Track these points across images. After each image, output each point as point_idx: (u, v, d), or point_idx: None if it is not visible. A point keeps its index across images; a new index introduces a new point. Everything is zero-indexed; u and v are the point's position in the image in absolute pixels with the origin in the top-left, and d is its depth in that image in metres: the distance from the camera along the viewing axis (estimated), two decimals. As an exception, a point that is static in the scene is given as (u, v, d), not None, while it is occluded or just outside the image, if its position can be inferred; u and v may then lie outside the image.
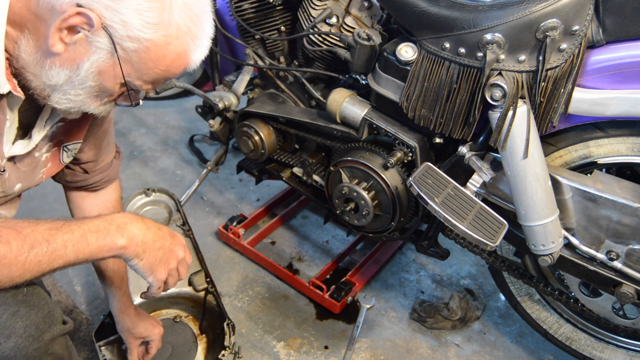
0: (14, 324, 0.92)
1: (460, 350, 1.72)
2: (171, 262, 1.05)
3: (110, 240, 0.95)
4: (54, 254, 0.90)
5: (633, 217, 1.19)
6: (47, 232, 0.90)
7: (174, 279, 1.08)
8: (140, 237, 0.98)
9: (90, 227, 0.94)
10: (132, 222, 0.98)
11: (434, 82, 1.22)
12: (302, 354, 1.68)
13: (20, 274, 0.88)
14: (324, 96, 1.60)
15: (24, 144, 1.02)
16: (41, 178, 1.14)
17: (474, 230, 1.19)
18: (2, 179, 1.03)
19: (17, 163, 1.03)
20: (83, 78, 0.87)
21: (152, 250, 1.00)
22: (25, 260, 0.87)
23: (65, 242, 0.91)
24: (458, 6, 1.16)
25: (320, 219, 2.13)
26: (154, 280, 1.04)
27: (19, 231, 0.88)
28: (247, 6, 1.59)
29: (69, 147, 1.15)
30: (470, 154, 1.26)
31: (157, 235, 1.01)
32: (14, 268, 0.87)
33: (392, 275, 1.96)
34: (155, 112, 2.74)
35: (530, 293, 1.56)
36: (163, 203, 1.81)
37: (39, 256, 0.88)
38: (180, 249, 1.07)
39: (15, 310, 0.93)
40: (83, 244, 0.92)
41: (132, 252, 0.97)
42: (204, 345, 1.55)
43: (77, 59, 0.85)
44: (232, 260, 1.98)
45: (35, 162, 1.08)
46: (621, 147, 1.21)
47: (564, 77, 1.12)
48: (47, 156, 1.11)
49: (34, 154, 1.06)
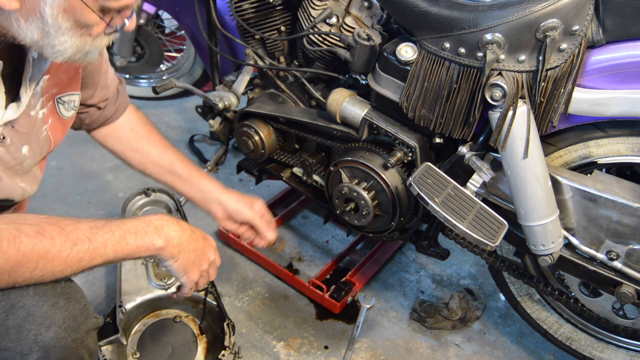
0: (54, 315, 0.94)
1: (460, 350, 1.72)
2: (203, 263, 1.10)
3: (148, 241, 0.99)
4: (95, 252, 0.94)
5: (633, 217, 1.19)
6: (88, 231, 0.94)
7: (205, 280, 1.13)
8: (176, 239, 1.02)
9: (130, 227, 0.98)
10: (169, 224, 1.03)
11: (434, 82, 1.22)
12: (302, 354, 1.68)
13: (62, 270, 0.92)
14: (324, 96, 1.60)
15: (15, 107, 1.02)
16: (47, 137, 1.13)
17: (474, 230, 1.19)
18: (5, 145, 1.03)
19: (14, 126, 1.03)
20: (53, 24, 0.85)
21: (187, 251, 1.05)
22: (68, 256, 0.91)
23: (106, 241, 0.95)
24: (458, 6, 1.16)
25: (320, 219, 2.13)
26: (187, 280, 1.09)
27: (63, 228, 0.92)
28: (247, 6, 1.59)
29: (64, 99, 1.14)
30: (470, 154, 1.26)
31: (191, 238, 1.06)
32: (57, 263, 0.90)
33: (392, 275, 1.96)
34: (155, 112, 2.74)
35: (530, 293, 1.56)
36: (163, 203, 1.81)
37: (80, 253, 0.92)
38: (211, 251, 1.12)
39: (55, 302, 0.95)
40: (122, 243, 0.97)
41: (168, 253, 1.02)
42: (204, 345, 1.55)
43: (35, 7, 0.83)
44: (232, 260, 1.98)
45: (33, 121, 1.08)
46: (621, 147, 1.21)
47: (564, 77, 1.12)
48: (44, 112, 1.10)
49: (29, 114, 1.05)
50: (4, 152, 1.02)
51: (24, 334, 0.92)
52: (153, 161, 1.40)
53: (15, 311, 0.92)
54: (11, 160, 1.05)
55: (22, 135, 1.06)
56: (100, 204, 2.19)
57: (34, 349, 0.92)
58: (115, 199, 2.19)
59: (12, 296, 0.93)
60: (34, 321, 0.92)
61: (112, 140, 1.40)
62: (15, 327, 0.92)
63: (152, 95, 2.63)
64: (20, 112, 1.02)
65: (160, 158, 1.40)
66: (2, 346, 0.91)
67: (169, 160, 1.40)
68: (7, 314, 0.92)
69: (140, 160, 1.41)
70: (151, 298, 1.57)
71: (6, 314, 0.92)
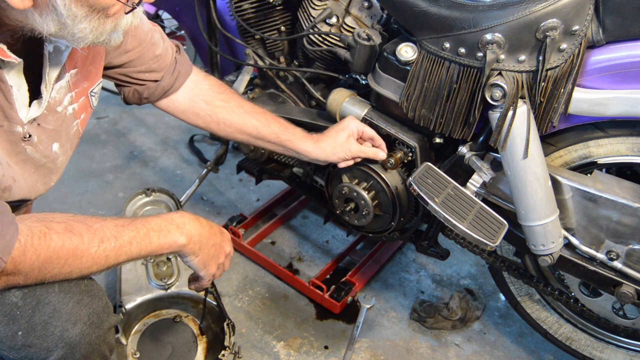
0: (79, 312, 0.96)
1: (460, 350, 1.72)
2: (220, 257, 1.14)
3: (171, 239, 1.02)
4: (121, 249, 0.96)
5: (633, 217, 1.19)
6: (114, 229, 0.96)
7: (221, 272, 1.18)
8: (197, 235, 1.06)
9: (153, 226, 1.01)
10: (190, 221, 1.06)
11: (434, 82, 1.22)
12: (302, 354, 1.68)
13: (89, 266, 0.93)
14: (324, 96, 1.60)
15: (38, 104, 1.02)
16: (77, 131, 1.14)
17: (474, 230, 1.19)
18: (33, 144, 1.02)
19: (40, 124, 1.03)
20: (67, 14, 0.84)
21: (207, 247, 1.09)
22: (95, 253, 0.93)
23: (131, 239, 0.97)
24: (458, 6, 1.16)
25: (320, 219, 2.13)
26: (206, 274, 1.13)
27: (90, 225, 0.94)
28: (247, 6, 1.59)
29: (94, 91, 1.15)
30: (470, 154, 1.26)
31: (211, 233, 1.10)
32: (85, 260, 0.92)
33: (392, 275, 1.96)
34: (156, 112, 2.74)
35: (530, 293, 1.56)
36: (163, 203, 1.81)
37: (107, 250, 0.94)
38: (227, 244, 1.17)
39: (79, 299, 0.97)
40: (146, 241, 0.99)
41: (190, 249, 1.05)
42: (204, 345, 1.55)
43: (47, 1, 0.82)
44: (232, 260, 1.97)
45: (62, 117, 1.08)
46: (621, 147, 1.21)
47: (564, 77, 1.12)
48: (75, 108, 1.10)
49: (56, 110, 1.05)
50: (32, 151, 1.02)
51: (50, 330, 0.93)
52: (238, 130, 1.38)
53: (42, 307, 0.94)
54: (42, 159, 1.05)
55: (50, 132, 1.06)
56: (100, 204, 2.19)
57: (59, 345, 0.93)
58: (115, 199, 2.20)
59: (38, 293, 0.94)
60: (60, 317, 0.94)
61: (190, 114, 1.36)
62: (42, 324, 0.93)
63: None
64: (42, 108, 1.02)
65: (244, 125, 1.37)
66: (27, 342, 0.93)
67: (253, 126, 1.37)
68: (33, 311, 0.93)
69: (225, 130, 1.38)
70: (151, 298, 1.57)
71: (32, 310, 0.93)
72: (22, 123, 0.99)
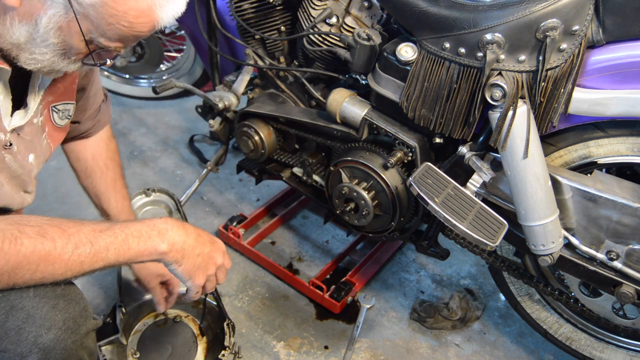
0: (54, 317, 0.94)
1: (460, 350, 1.72)
2: (210, 268, 1.07)
3: (151, 245, 0.97)
4: (97, 255, 0.92)
5: (633, 217, 1.19)
6: (91, 234, 0.93)
7: (212, 284, 1.11)
8: (180, 243, 1.00)
9: (133, 231, 0.96)
10: (173, 228, 1.00)
11: (434, 82, 1.22)
12: (302, 354, 1.68)
13: (63, 272, 0.90)
14: (324, 96, 1.60)
15: (22, 114, 1.01)
16: (48, 145, 1.14)
17: (474, 230, 1.19)
18: (13, 153, 1.02)
19: (20, 134, 1.03)
20: (43, 35, 0.86)
21: (192, 256, 1.02)
22: (69, 259, 0.90)
23: (108, 244, 0.93)
24: (458, 6, 1.16)
25: (320, 219, 2.13)
26: (192, 285, 1.06)
27: (65, 230, 0.91)
28: (247, 6, 1.59)
29: (58, 108, 1.14)
30: (470, 154, 1.26)
31: (197, 242, 1.03)
32: (57, 266, 0.89)
33: (392, 275, 1.96)
34: (155, 112, 2.74)
35: (530, 293, 1.56)
36: (163, 203, 1.81)
37: (82, 256, 0.91)
38: (219, 255, 1.09)
39: (55, 304, 0.94)
40: (125, 247, 0.95)
41: (172, 257, 1.00)
42: (204, 345, 1.55)
43: (34, 13, 0.84)
44: (232, 260, 1.97)
45: (36, 129, 1.08)
46: (621, 147, 1.21)
47: (564, 77, 1.12)
48: (42, 120, 1.10)
49: (32, 121, 1.06)
50: (10, 160, 1.02)
51: (24, 336, 0.91)
52: (95, 193, 1.43)
53: (15, 313, 0.92)
54: (18, 169, 1.05)
55: (27, 143, 1.06)
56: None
57: (33, 351, 0.91)
58: (115, 199, 2.19)
59: (11, 297, 0.92)
60: (34, 323, 0.92)
61: (73, 157, 1.41)
62: (15, 329, 0.91)
63: (152, 95, 2.63)
64: (27, 119, 1.02)
65: (103, 195, 1.42)
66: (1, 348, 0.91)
67: (107, 200, 1.42)
68: (6, 316, 0.91)
69: (86, 184, 1.43)
70: (151, 298, 1.57)
71: (6, 315, 0.91)
72: (6, 130, 0.99)
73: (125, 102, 2.73)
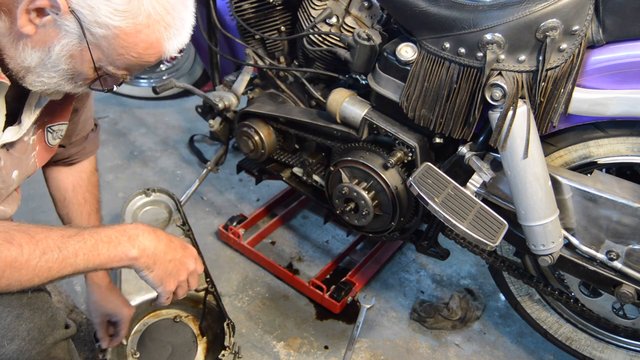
0: (17, 327, 0.91)
1: (460, 350, 1.72)
2: (181, 274, 1.06)
3: (122, 251, 0.96)
4: (65, 261, 0.90)
5: (633, 217, 1.19)
6: (59, 239, 0.91)
7: (184, 290, 1.10)
8: (151, 249, 0.99)
9: (103, 237, 0.95)
10: (144, 233, 0.99)
11: (434, 82, 1.22)
12: (302, 354, 1.68)
13: (30, 279, 0.88)
14: (324, 96, 1.60)
15: (14, 130, 1.01)
16: (34, 163, 1.13)
17: (474, 230, 1.19)
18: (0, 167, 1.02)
19: (9, 150, 1.03)
20: (55, 61, 0.88)
21: (163, 262, 1.01)
22: (36, 265, 0.88)
23: (77, 250, 0.91)
24: (458, 6, 1.16)
25: (320, 219, 2.13)
26: (162, 291, 1.05)
27: (32, 236, 0.89)
28: (247, 6, 1.59)
29: (54, 128, 1.14)
30: (470, 154, 1.26)
31: (169, 248, 1.02)
32: (24, 272, 0.87)
33: (392, 275, 1.96)
34: (155, 112, 2.74)
35: (530, 293, 1.56)
36: (163, 203, 1.81)
37: (49, 262, 0.89)
38: (191, 261, 1.08)
39: (19, 313, 0.92)
40: (94, 253, 0.93)
41: (143, 263, 0.98)
42: (204, 345, 1.55)
43: (47, 41, 0.86)
44: (232, 260, 1.98)
45: (25, 146, 1.08)
46: (621, 147, 1.21)
47: (564, 77, 1.12)
48: (34, 139, 1.10)
49: (23, 139, 1.06)
50: None
51: None
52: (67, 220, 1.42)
53: None
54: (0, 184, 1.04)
55: (14, 160, 1.06)
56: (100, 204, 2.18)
57: None
58: (115, 199, 2.19)
59: None
60: None
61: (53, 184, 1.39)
62: None
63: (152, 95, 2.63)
64: (19, 135, 1.02)
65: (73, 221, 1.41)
66: None
67: None
68: None
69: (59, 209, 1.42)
70: (151, 298, 1.57)
71: None
72: None
73: (125, 102, 2.73)
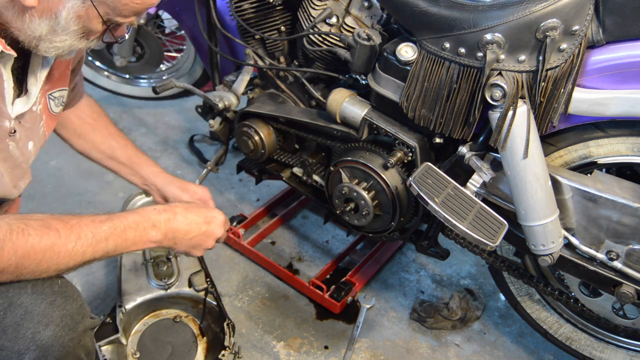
0: (51, 313, 0.95)
1: (460, 350, 1.72)
2: (208, 243, 1.19)
3: (146, 236, 1.07)
4: (98, 245, 0.99)
5: (633, 217, 1.19)
6: (91, 225, 0.99)
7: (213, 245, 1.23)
8: (171, 232, 1.11)
9: (130, 223, 1.04)
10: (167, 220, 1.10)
11: (434, 82, 1.22)
12: (302, 354, 1.68)
13: (66, 262, 0.95)
14: (324, 96, 1.60)
15: (24, 100, 1.03)
16: (44, 133, 1.16)
17: (474, 230, 1.19)
18: (16, 140, 1.03)
19: (21, 121, 1.05)
20: (64, 25, 0.90)
21: (184, 240, 1.14)
22: (72, 249, 0.95)
23: (108, 235, 1.00)
24: (458, 6, 1.16)
25: (320, 219, 2.13)
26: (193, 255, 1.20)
27: (66, 222, 0.96)
28: (247, 6, 1.59)
29: (54, 95, 1.17)
30: (470, 154, 1.26)
31: (190, 228, 1.14)
32: (62, 256, 0.94)
33: (392, 275, 1.96)
34: (155, 112, 2.74)
35: (530, 293, 1.56)
36: (163, 203, 1.81)
37: (84, 246, 0.97)
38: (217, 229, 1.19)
39: (52, 300, 0.96)
40: (122, 237, 1.03)
41: (167, 244, 1.11)
42: (204, 345, 1.55)
43: (52, 8, 0.88)
44: (232, 260, 1.98)
45: (35, 116, 1.10)
46: (621, 147, 1.21)
47: (564, 77, 1.12)
48: (40, 107, 1.12)
49: (32, 109, 1.08)
50: (14, 148, 1.03)
51: (22, 333, 0.92)
52: (95, 147, 1.43)
53: (14, 309, 0.92)
54: (20, 157, 1.06)
55: (27, 131, 1.07)
56: (100, 204, 2.18)
57: (31, 348, 0.91)
58: (115, 199, 2.19)
59: (10, 294, 0.93)
60: (32, 319, 0.93)
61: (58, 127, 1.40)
62: (13, 326, 0.91)
63: (152, 95, 2.63)
64: (29, 105, 1.03)
65: (103, 144, 1.43)
66: None
67: (111, 146, 1.44)
68: (5, 312, 0.92)
69: (83, 145, 1.43)
70: (151, 298, 1.57)
71: (4, 312, 0.92)
72: (10, 117, 0.99)
73: (125, 102, 2.73)
